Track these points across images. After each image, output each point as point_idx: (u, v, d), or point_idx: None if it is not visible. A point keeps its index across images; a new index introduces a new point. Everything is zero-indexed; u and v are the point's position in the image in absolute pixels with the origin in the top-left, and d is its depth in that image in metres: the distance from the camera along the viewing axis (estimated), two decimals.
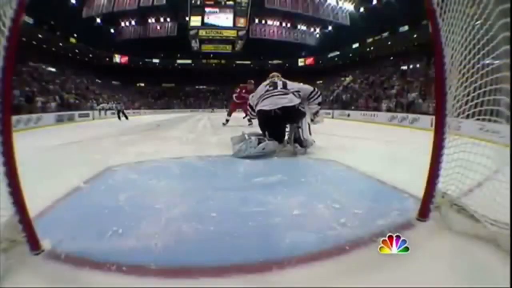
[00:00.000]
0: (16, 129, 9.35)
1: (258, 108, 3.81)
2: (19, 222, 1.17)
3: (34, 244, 1.21)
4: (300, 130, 3.69)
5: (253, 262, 1.16)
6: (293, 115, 3.68)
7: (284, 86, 3.84)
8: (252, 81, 8.71)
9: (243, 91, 9.10)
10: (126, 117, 18.07)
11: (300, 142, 3.67)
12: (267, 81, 4.07)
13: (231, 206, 1.74)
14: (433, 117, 1.48)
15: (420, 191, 1.55)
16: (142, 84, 43.11)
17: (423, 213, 1.51)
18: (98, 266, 1.13)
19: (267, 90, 3.85)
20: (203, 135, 6.58)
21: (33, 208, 1.29)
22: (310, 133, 3.78)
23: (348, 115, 19.13)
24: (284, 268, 1.13)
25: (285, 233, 1.40)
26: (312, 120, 4.03)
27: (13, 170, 1.14)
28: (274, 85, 3.87)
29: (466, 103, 1.40)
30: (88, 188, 2.15)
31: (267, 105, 3.67)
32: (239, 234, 1.40)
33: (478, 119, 1.40)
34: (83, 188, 2.14)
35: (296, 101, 3.68)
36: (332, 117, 19.92)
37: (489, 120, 1.31)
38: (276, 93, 3.75)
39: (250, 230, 1.45)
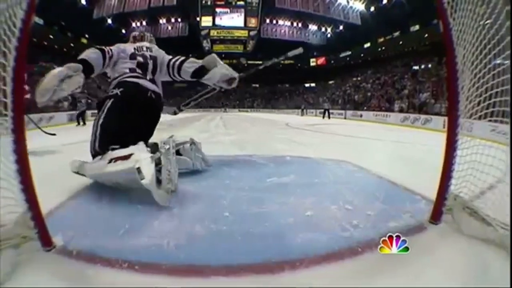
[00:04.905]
0: (28, 128, 9.49)
1: (121, 79, 2.31)
2: (32, 219, 1.18)
3: (46, 241, 1.23)
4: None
5: (265, 262, 1.16)
6: (159, 111, 2.50)
7: (154, 71, 2.49)
8: None
9: None
10: (84, 122, 12.23)
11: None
12: (136, 45, 2.60)
13: (244, 206, 1.75)
14: (446, 118, 1.46)
15: (432, 193, 1.53)
16: None
17: (436, 216, 1.50)
18: (110, 263, 1.15)
19: (133, 70, 2.37)
20: (216, 135, 6.60)
21: (44, 205, 1.30)
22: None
23: (361, 115, 18.94)
24: (296, 268, 1.13)
25: (298, 233, 1.40)
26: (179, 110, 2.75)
27: (26, 168, 1.16)
28: (143, 66, 2.43)
29: (478, 104, 1.38)
30: (100, 186, 2.15)
31: (139, 80, 2.34)
32: (251, 234, 1.41)
33: (490, 120, 1.39)
34: (94, 186, 2.16)
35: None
36: (345, 118, 19.79)
37: (501, 122, 1.30)
38: (141, 77, 2.38)
39: (262, 230, 1.45)
